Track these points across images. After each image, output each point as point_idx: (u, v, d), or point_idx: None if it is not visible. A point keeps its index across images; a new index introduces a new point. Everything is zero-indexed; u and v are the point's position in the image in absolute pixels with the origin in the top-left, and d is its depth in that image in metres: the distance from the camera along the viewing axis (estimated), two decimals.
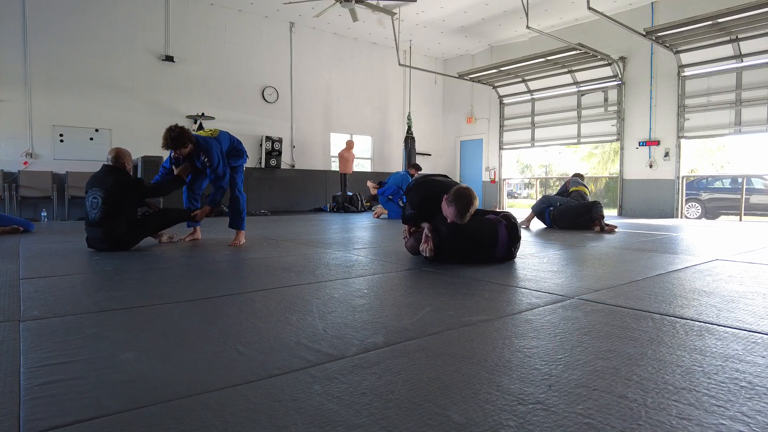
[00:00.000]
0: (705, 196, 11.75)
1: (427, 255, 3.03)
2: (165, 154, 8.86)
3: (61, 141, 8.38)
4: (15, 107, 8.01)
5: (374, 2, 8.17)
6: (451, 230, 3.01)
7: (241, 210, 4.31)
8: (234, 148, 4.35)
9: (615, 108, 10.07)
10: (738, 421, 0.97)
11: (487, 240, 3.12)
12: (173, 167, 4.17)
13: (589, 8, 7.71)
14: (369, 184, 8.56)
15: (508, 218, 3.25)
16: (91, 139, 8.66)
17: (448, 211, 2.96)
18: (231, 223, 4.32)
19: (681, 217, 9.25)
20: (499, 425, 0.95)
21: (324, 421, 0.97)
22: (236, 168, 4.37)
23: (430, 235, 3.04)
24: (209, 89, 9.87)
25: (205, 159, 4.01)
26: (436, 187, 3.18)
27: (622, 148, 10.05)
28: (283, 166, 10.79)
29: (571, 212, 5.87)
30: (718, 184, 11.94)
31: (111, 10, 8.78)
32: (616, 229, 5.68)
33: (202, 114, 9.54)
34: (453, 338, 1.54)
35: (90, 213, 3.73)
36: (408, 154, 11.85)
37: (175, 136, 3.83)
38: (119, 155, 3.90)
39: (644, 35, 8.23)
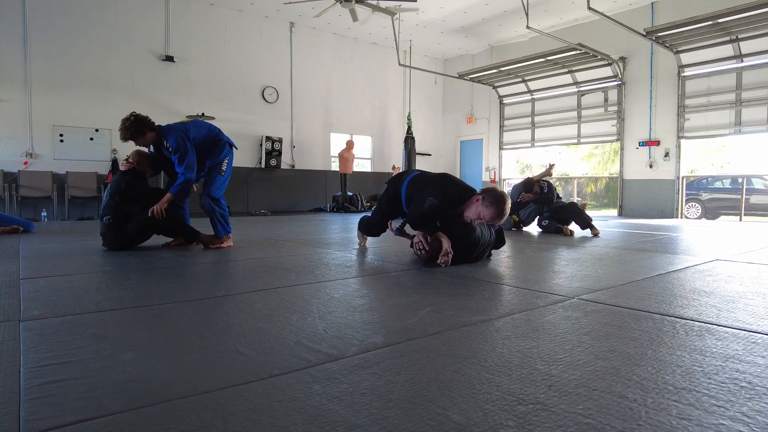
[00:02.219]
0: (705, 196, 11.75)
1: (445, 266, 3.01)
2: None
3: (61, 141, 8.38)
4: (15, 107, 8.01)
5: (374, 2, 8.17)
6: (471, 242, 3.08)
7: (221, 217, 3.89)
8: (214, 137, 3.90)
9: (615, 108, 10.07)
10: (738, 421, 0.97)
11: (488, 244, 3.28)
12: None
13: (589, 8, 7.72)
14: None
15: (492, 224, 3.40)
16: (91, 139, 8.67)
17: (486, 212, 2.94)
18: (214, 232, 3.97)
19: (681, 218, 9.25)
20: (499, 425, 0.95)
21: (324, 421, 0.97)
22: (216, 168, 3.92)
23: (450, 249, 2.99)
24: (209, 89, 9.87)
25: (167, 144, 3.70)
26: (457, 182, 3.23)
27: (622, 148, 10.05)
28: (283, 166, 10.80)
29: (549, 227, 5.73)
30: (718, 184, 11.93)
31: (111, 9, 8.78)
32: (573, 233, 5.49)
33: (202, 114, 9.54)
34: (453, 338, 1.54)
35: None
36: (408, 154, 11.85)
37: (129, 125, 3.60)
38: (133, 158, 3.85)
39: (644, 35, 8.24)
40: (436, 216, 3.06)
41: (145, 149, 3.92)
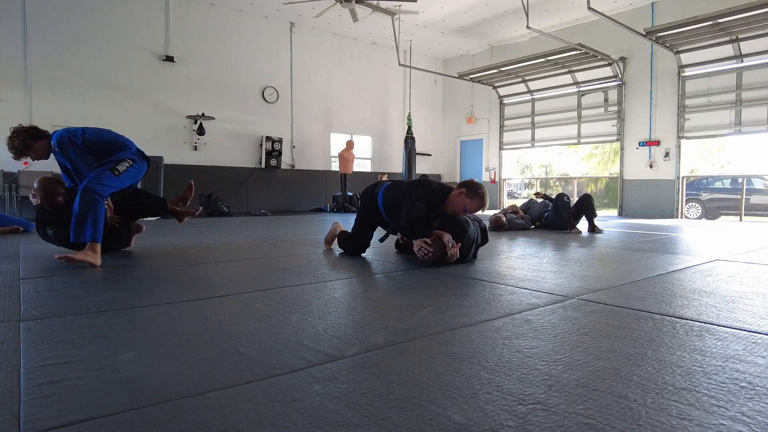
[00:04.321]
0: (705, 196, 11.75)
1: (453, 260, 3.05)
2: (164, 153, 8.85)
3: None
4: (15, 107, 8.01)
5: (374, 2, 8.17)
6: (469, 236, 3.15)
7: (82, 217, 2.96)
8: (119, 143, 3.37)
9: (615, 108, 10.07)
10: (738, 421, 0.97)
11: (477, 241, 3.32)
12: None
13: (589, 8, 7.72)
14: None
15: (480, 221, 3.52)
16: None
17: (471, 203, 3.09)
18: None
19: (681, 218, 9.25)
20: (499, 425, 0.95)
21: (324, 422, 0.97)
22: (110, 164, 3.23)
23: (453, 241, 3.02)
24: (209, 89, 9.87)
25: (53, 144, 3.25)
26: (435, 182, 3.34)
27: (622, 149, 10.05)
28: (283, 166, 10.79)
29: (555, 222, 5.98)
30: (718, 185, 11.93)
31: (111, 9, 8.78)
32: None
33: (202, 114, 9.54)
34: (453, 338, 1.54)
35: None
36: (408, 155, 11.85)
37: (10, 141, 3.18)
38: (39, 192, 3.29)
39: (644, 35, 8.23)
40: (426, 217, 3.10)
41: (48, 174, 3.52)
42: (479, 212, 3.27)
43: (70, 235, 3.02)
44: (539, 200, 6.20)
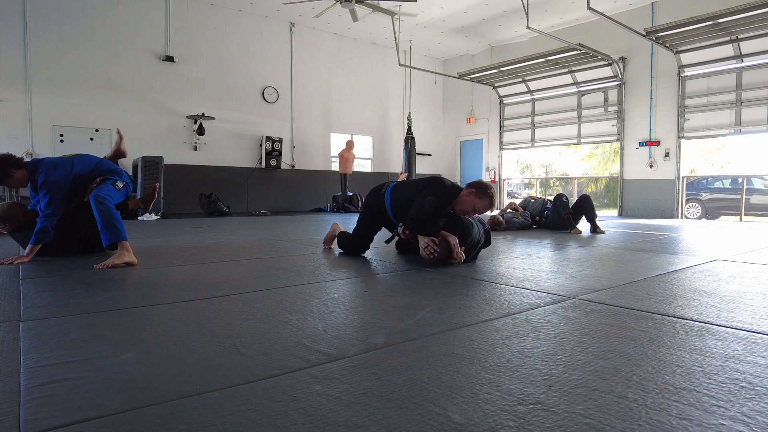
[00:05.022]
0: (705, 196, 11.75)
1: (459, 262, 3.07)
2: (164, 153, 8.86)
3: (61, 141, 8.38)
4: (15, 107, 8.01)
5: (374, 2, 8.17)
6: (472, 238, 3.19)
7: (108, 217, 3.10)
8: (106, 169, 3.46)
9: (615, 108, 10.06)
10: (738, 421, 0.97)
11: (480, 243, 3.34)
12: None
13: (589, 8, 7.71)
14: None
15: (484, 223, 3.52)
16: (92, 139, 8.67)
17: (480, 203, 3.12)
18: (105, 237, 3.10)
19: (681, 218, 9.25)
20: (499, 425, 0.95)
21: (324, 422, 0.97)
22: (109, 180, 3.39)
23: (458, 246, 3.03)
24: (209, 89, 9.87)
25: (37, 179, 3.14)
26: (446, 180, 3.35)
27: (622, 149, 10.05)
28: (283, 166, 10.80)
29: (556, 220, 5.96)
30: (718, 185, 11.93)
31: (111, 10, 8.78)
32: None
33: (202, 114, 9.54)
34: (453, 338, 1.54)
35: None
36: (408, 155, 11.85)
37: None
38: (6, 220, 3.30)
39: (644, 35, 8.23)
40: (436, 214, 3.09)
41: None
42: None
43: (102, 240, 3.11)
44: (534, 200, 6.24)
